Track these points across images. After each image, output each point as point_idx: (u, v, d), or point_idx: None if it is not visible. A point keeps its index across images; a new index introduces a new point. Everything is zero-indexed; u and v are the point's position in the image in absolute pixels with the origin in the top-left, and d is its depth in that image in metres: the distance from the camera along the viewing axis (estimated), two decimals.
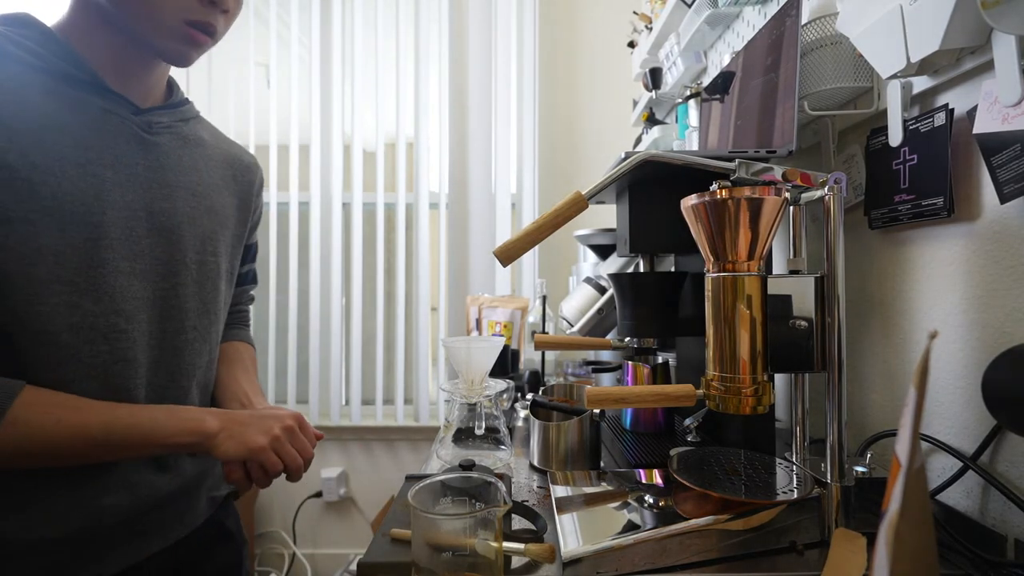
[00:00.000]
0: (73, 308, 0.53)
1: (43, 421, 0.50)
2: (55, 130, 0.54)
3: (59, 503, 0.54)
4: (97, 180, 0.56)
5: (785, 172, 0.58)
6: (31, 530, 0.52)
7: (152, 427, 0.54)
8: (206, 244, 0.67)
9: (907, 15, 0.59)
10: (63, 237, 0.52)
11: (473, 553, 0.47)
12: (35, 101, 0.53)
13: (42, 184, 0.51)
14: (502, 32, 2.06)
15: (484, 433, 0.86)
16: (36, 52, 0.54)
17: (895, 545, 0.29)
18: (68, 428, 0.51)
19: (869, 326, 0.79)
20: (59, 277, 0.52)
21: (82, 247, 0.54)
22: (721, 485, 0.59)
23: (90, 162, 0.55)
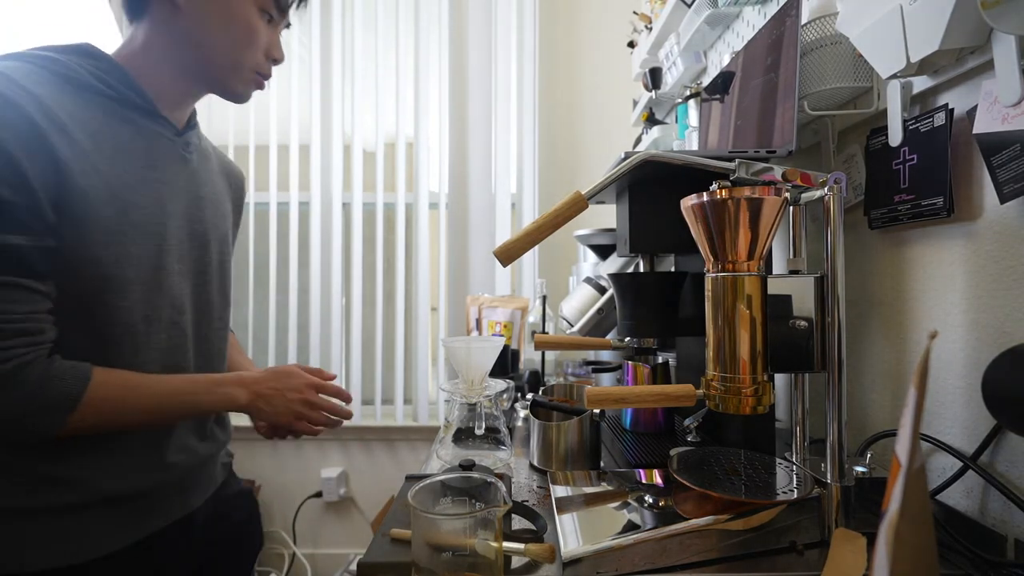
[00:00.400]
0: (147, 304, 0.64)
1: (111, 400, 0.59)
2: (125, 152, 0.62)
3: (135, 463, 0.64)
4: (158, 196, 0.65)
5: (785, 172, 0.58)
6: (112, 485, 0.62)
7: (195, 402, 0.65)
8: (223, 246, 0.78)
9: (907, 15, 0.59)
10: (141, 245, 0.63)
11: (473, 553, 0.47)
12: (108, 126, 0.62)
13: (124, 201, 0.61)
14: (502, 32, 2.06)
15: (484, 433, 0.86)
16: (105, 81, 0.62)
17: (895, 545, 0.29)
18: (130, 404, 0.61)
19: (869, 326, 0.79)
20: (138, 278, 0.63)
21: (152, 252, 0.64)
22: (721, 485, 0.59)
23: (153, 180, 0.65)
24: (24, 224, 0.54)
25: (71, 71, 0.60)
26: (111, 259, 0.60)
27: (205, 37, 0.67)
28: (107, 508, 0.62)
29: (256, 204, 2.09)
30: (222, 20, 0.66)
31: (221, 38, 0.67)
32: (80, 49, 0.63)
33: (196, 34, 0.66)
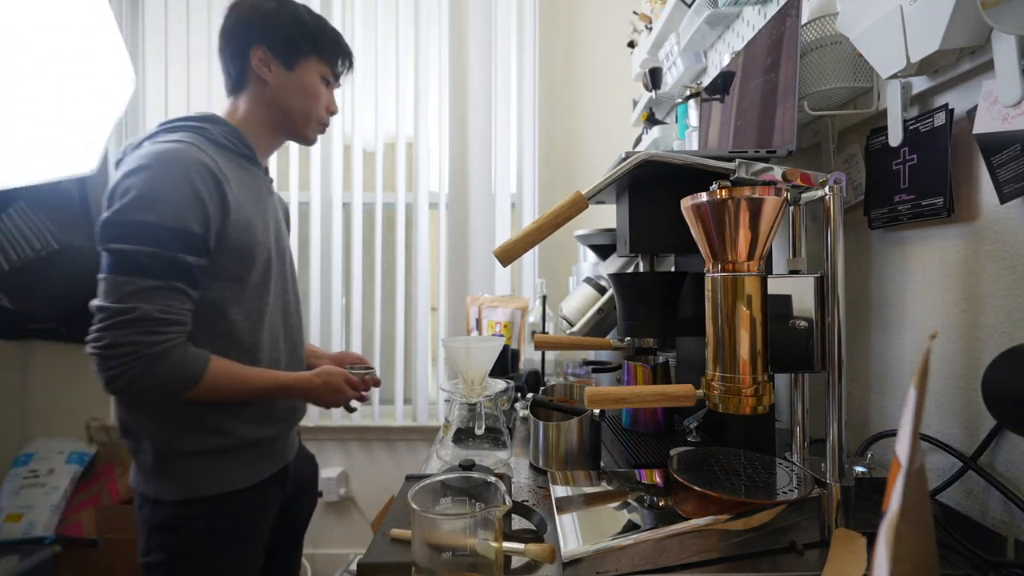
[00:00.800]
0: (272, 305, 0.89)
1: (219, 381, 0.78)
2: (248, 190, 0.87)
3: (264, 417, 0.87)
4: (266, 224, 0.89)
5: (785, 172, 0.58)
6: (251, 432, 0.85)
7: (274, 395, 0.86)
8: (291, 258, 1.00)
9: (907, 15, 0.59)
10: (266, 261, 0.87)
11: (473, 553, 0.47)
12: (238, 174, 0.86)
13: (252, 227, 0.84)
14: (502, 32, 2.06)
15: (484, 433, 0.86)
16: (231, 141, 0.88)
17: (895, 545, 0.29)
18: (229, 390, 0.80)
19: (869, 326, 0.79)
20: (266, 283, 0.88)
21: (271, 266, 0.89)
22: (721, 485, 0.59)
23: (261, 210, 0.89)
24: (197, 249, 0.77)
25: (215, 137, 0.85)
26: (237, 266, 0.83)
27: (288, 103, 0.92)
28: (248, 450, 0.86)
29: None
30: (298, 90, 0.92)
31: (298, 103, 0.93)
32: (212, 118, 0.88)
33: (281, 101, 0.92)
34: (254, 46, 0.90)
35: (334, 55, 0.96)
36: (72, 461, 1.98)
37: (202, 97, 2.08)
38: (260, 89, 0.91)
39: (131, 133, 2.12)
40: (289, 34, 0.91)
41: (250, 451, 0.86)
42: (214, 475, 0.82)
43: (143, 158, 0.77)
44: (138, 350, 0.72)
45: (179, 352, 0.75)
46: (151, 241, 0.73)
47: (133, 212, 0.73)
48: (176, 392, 0.76)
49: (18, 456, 2.00)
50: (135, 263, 0.73)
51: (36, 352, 2.15)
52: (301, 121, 0.94)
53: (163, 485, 0.80)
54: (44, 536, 1.82)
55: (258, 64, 0.90)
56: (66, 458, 1.98)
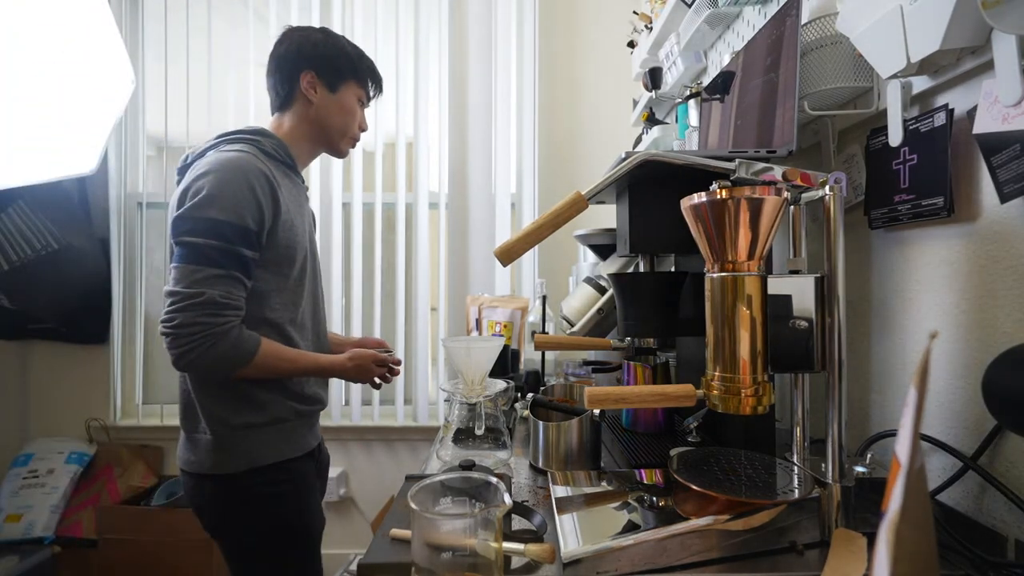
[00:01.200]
0: (306, 298, 1.02)
1: (266, 361, 0.89)
2: (291, 196, 0.99)
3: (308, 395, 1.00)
4: (304, 227, 1.02)
5: (785, 172, 0.58)
6: (285, 410, 0.96)
7: (313, 375, 1.00)
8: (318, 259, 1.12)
9: (907, 15, 0.59)
10: (303, 259, 1.00)
11: (473, 553, 0.47)
12: (284, 181, 0.98)
13: (294, 227, 0.97)
14: (502, 32, 2.06)
15: (484, 433, 0.86)
16: (278, 152, 1.00)
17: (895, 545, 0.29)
18: (275, 369, 0.91)
19: (869, 326, 0.79)
20: (302, 279, 1.00)
21: (307, 263, 1.01)
22: (721, 485, 0.59)
23: (302, 215, 1.03)
24: (252, 244, 0.88)
25: (266, 148, 0.97)
26: (281, 259, 0.95)
27: (329, 120, 1.05)
28: (297, 421, 0.98)
29: None
30: (339, 109, 1.06)
31: (338, 121, 1.06)
32: (262, 131, 1.01)
33: (323, 119, 1.05)
34: (304, 71, 1.02)
35: (368, 80, 1.11)
36: (72, 461, 1.98)
37: (202, 97, 2.08)
38: (305, 108, 1.04)
39: (131, 133, 2.12)
40: (333, 61, 1.04)
41: (296, 422, 0.99)
42: (271, 445, 0.94)
43: (210, 164, 0.88)
44: (204, 330, 0.83)
45: (236, 333, 0.86)
46: (216, 235, 0.84)
47: (201, 209, 0.85)
48: (232, 368, 0.86)
49: (18, 456, 2.00)
50: (203, 254, 0.84)
51: (36, 352, 2.15)
52: (338, 136, 1.08)
53: (225, 459, 0.90)
54: (44, 536, 1.82)
55: (306, 86, 1.03)
56: (66, 458, 1.98)
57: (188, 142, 2.10)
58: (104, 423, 2.10)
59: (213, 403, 0.91)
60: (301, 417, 0.99)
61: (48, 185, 1.75)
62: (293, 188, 1.01)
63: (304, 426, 1.01)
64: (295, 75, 1.02)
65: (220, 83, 2.08)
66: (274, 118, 1.07)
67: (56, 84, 1.54)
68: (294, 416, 0.97)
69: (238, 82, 2.08)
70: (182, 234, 0.85)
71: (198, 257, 0.84)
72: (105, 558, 1.76)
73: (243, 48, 2.08)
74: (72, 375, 2.14)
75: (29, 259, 1.83)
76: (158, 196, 2.14)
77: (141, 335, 2.16)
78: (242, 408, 0.91)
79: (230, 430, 0.90)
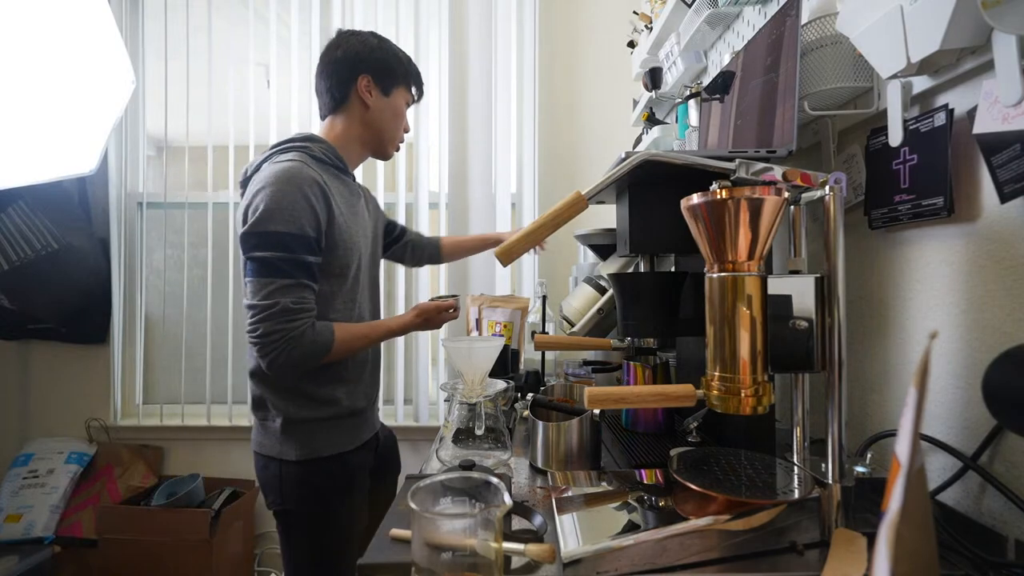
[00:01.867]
0: (362, 294, 1.11)
1: (346, 343, 0.99)
2: (343, 198, 1.05)
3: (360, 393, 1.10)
4: (358, 226, 1.09)
5: (785, 172, 0.58)
6: (353, 404, 1.07)
7: (389, 338, 1.10)
8: (375, 246, 1.22)
9: (907, 15, 0.59)
10: (359, 256, 1.07)
11: (473, 553, 0.47)
12: (336, 184, 1.04)
13: (348, 227, 1.04)
14: (502, 32, 2.06)
15: (484, 433, 0.86)
16: (328, 157, 1.05)
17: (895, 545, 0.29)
18: (356, 345, 1.02)
19: (869, 326, 0.79)
20: (357, 276, 1.08)
21: (363, 260, 1.09)
22: (721, 485, 0.59)
23: (355, 215, 1.08)
24: (313, 249, 0.95)
25: (315, 153, 1.02)
26: (340, 264, 1.02)
27: (381, 123, 1.11)
28: (351, 419, 1.08)
29: None
30: (391, 112, 1.11)
31: (390, 125, 1.12)
32: (312, 137, 1.06)
33: (376, 122, 1.10)
34: (361, 74, 1.07)
35: (414, 84, 1.16)
36: (72, 461, 1.98)
37: (202, 97, 2.08)
38: (361, 111, 1.09)
39: (131, 133, 2.12)
40: (388, 65, 1.10)
41: (350, 420, 1.08)
42: (328, 439, 1.03)
43: (265, 178, 0.94)
44: (283, 335, 0.91)
45: (310, 333, 0.94)
46: (281, 247, 0.91)
47: (263, 224, 0.91)
48: (318, 360, 0.96)
49: (18, 456, 2.00)
50: (272, 266, 0.91)
51: (36, 352, 2.15)
52: (388, 139, 1.14)
53: (289, 448, 1.00)
54: (44, 536, 1.82)
55: (363, 90, 1.07)
56: (66, 458, 1.98)
57: (188, 142, 2.10)
58: (104, 423, 2.10)
59: (278, 399, 1.01)
60: (355, 415, 1.09)
61: (48, 185, 1.75)
62: (344, 189, 1.07)
63: (360, 420, 1.11)
64: (352, 77, 1.07)
65: (220, 83, 2.08)
66: (326, 122, 1.11)
67: (56, 84, 1.54)
68: (347, 414, 1.06)
69: (238, 82, 2.08)
70: (250, 250, 0.93)
71: (268, 270, 0.92)
72: (105, 558, 1.76)
73: (243, 48, 2.08)
74: (72, 375, 2.14)
75: (29, 259, 1.83)
76: (158, 196, 2.14)
77: (141, 335, 2.16)
78: (303, 405, 1.01)
79: (293, 423, 1.01)
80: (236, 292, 2.11)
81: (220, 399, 2.13)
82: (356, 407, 1.08)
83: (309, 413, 1.01)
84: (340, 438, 1.05)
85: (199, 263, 2.16)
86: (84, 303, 2.03)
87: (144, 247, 2.16)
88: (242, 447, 2.13)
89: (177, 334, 2.14)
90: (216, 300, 2.13)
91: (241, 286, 0.99)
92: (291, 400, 1.00)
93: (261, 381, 1.02)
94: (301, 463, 1.00)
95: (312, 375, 1.00)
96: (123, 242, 2.10)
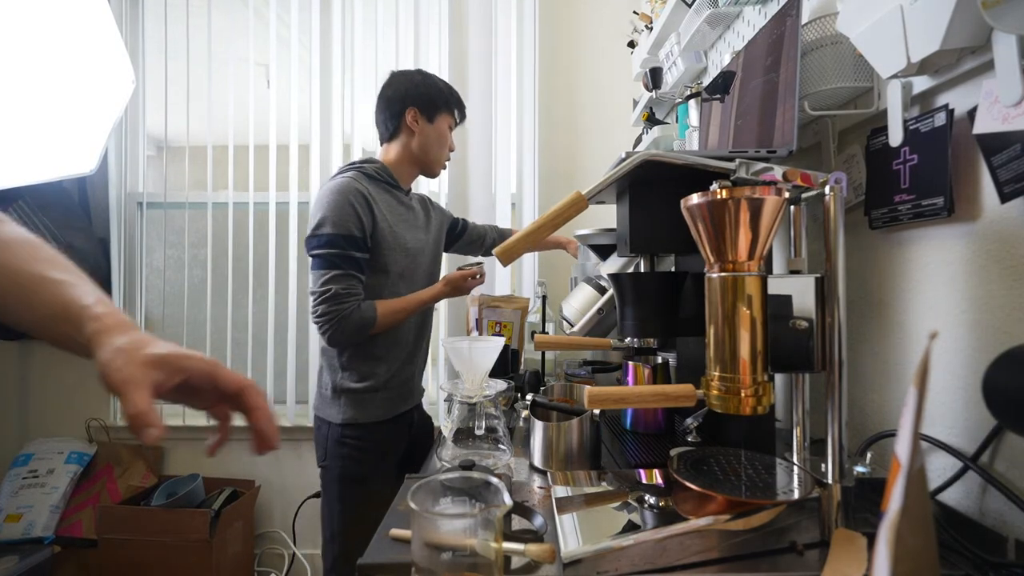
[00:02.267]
0: (424, 276, 1.35)
1: (387, 317, 1.19)
2: (391, 208, 1.26)
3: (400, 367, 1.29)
4: (403, 229, 1.28)
5: (785, 172, 0.58)
6: (395, 376, 1.27)
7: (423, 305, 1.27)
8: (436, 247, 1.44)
9: (907, 15, 0.59)
10: (403, 255, 1.27)
11: (473, 553, 0.47)
12: (384, 196, 1.26)
13: (394, 231, 1.24)
14: (502, 31, 2.05)
15: (484, 433, 0.86)
16: (381, 175, 1.28)
17: (895, 545, 0.29)
18: (397, 317, 1.22)
19: (869, 326, 0.79)
20: (401, 272, 1.27)
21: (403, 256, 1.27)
22: (721, 485, 0.59)
23: (402, 222, 1.29)
24: (359, 247, 1.17)
25: (369, 172, 1.25)
26: (384, 261, 1.22)
27: (428, 147, 1.31)
28: (387, 392, 1.26)
29: (256, 204, 2.09)
30: (436, 137, 1.31)
31: (434, 148, 1.32)
32: (369, 160, 1.29)
33: (423, 147, 1.30)
34: (408, 108, 1.28)
35: (456, 108, 1.36)
36: (71, 461, 1.97)
37: (202, 97, 2.08)
38: (409, 137, 1.30)
39: (131, 133, 2.12)
40: (431, 97, 1.30)
41: (387, 392, 1.26)
42: (366, 408, 1.23)
43: (323, 193, 1.19)
44: (335, 315, 1.13)
45: (357, 312, 1.15)
46: (332, 245, 1.14)
47: (320, 229, 1.15)
48: (367, 331, 1.17)
49: (18, 456, 2.00)
50: (326, 261, 1.14)
51: (36, 352, 2.15)
52: (433, 160, 1.33)
53: (335, 411, 1.23)
54: (43, 536, 1.82)
55: (411, 120, 1.28)
56: (66, 458, 1.98)
57: (188, 142, 2.10)
58: (104, 423, 2.10)
59: (332, 371, 1.25)
60: (389, 390, 1.27)
61: (48, 185, 1.75)
62: (393, 201, 1.28)
63: (395, 394, 1.29)
64: (401, 112, 1.28)
65: (220, 83, 2.08)
66: (383, 147, 1.34)
67: (56, 84, 1.54)
68: (383, 388, 1.25)
69: (238, 82, 2.08)
70: (311, 249, 1.17)
71: (323, 264, 1.14)
72: (105, 558, 1.76)
73: (243, 48, 2.07)
74: (72, 375, 2.14)
75: None
76: (158, 196, 2.14)
77: None
78: (348, 377, 1.23)
79: (340, 391, 1.23)
80: (236, 292, 2.11)
81: None
82: (391, 384, 1.26)
83: (352, 384, 1.23)
84: (376, 409, 1.24)
85: (199, 263, 2.17)
86: None
87: (144, 247, 2.16)
88: (242, 447, 2.12)
89: (177, 334, 2.14)
90: (216, 300, 2.13)
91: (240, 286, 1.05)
92: (341, 372, 1.23)
93: (322, 356, 1.28)
94: (343, 425, 1.21)
95: (359, 354, 1.22)
96: (123, 242, 2.10)
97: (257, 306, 2.11)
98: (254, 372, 2.10)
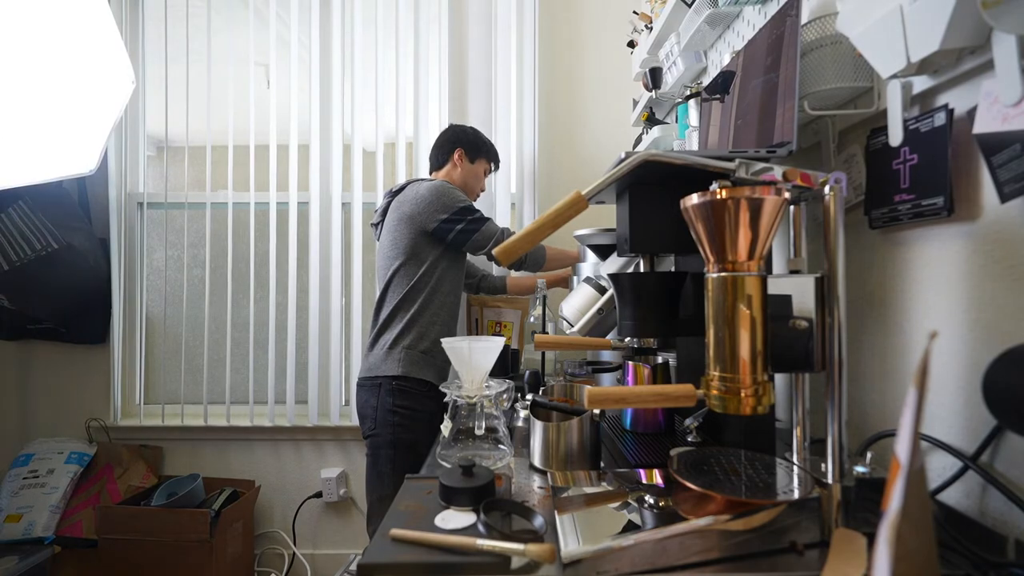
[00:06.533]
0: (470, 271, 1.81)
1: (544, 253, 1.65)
2: None
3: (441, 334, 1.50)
4: None
5: (785, 172, 0.58)
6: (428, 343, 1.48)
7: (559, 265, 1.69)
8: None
9: (907, 15, 0.59)
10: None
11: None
12: None
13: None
14: (502, 31, 2.06)
15: (484, 433, 0.86)
16: None
17: (895, 545, 0.29)
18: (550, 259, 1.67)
19: (869, 326, 0.79)
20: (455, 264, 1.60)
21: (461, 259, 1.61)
22: (721, 485, 0.59)
23: None
24: None
25: None
26: (453, 263, 1.55)
27: (465, 180, 1.66)
28: (437, 356, 1.47)
29: (256, 204, 2.09)
30: (474, 174, 1.68)
31: (470, 181, 1.67)
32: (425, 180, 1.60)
33: (461, 179, 1.65)
34: (457, 147, 1.65)
35: (492, 158, 1.72)
36: (72, 461, 1.98)
37: (202, 97, 2.08)
38: (452, 169, 1.66)
39: (131, 133, 2.12)
40: (475, 144, 1.67)
41: (438, 358, 1.48)
42: (420, 366, 1.45)
43: (427, 189, 1.52)
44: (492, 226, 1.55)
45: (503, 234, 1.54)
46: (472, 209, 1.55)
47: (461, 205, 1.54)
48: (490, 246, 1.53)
49: (18, 456, 2.00)
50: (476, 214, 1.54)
51: (36, 352, 2.15)
52: (469, 191, 1.67)
53: (393, 365, 1.44)
54: (44, 536, 1.82)
55: (457, 159, 1.65)
56: (66, 458, 1.98)
57: (188, 142, 2.10)
58: (104, 423, 2.10)
59: (395, 331, 1.47)
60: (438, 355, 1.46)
61: (48, 185, 1.75)
62: None
63: (443, 365, 1.48)
64: (451, 150, 1.64)
65: (220, 83, 2.08)
66: (432, 174, 1.69)
67: (56, 84, 1.54)
68: (438, 351, 1.44)
69: (238, 82, 2.08)
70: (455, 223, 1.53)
71: (476, 218, 1.54)
72: (105, 558, 1.76)
73: (243, 48, 2.07)
74: (72, 375, 2.14)
75: (29, 259, 1.83)
76: (158, 196, 2.14)
77: (141, 335, 2.16)
78: (407, 334, 1.45)
79: (399, 348, 1.45)
80: (236, 292, 2.11)
81: (219, 399, 2.13)
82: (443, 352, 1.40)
83: (411, 342, 1.45)
84: (428, 370, 1.45)
85: (199, 263, 2.17)
86: (84, 303, 2.03)
87: (144, 247, 2.16)
88: (242, 447, 2.13)
89: (177, 334, 2.14)
90: (216, 300, 2.13)
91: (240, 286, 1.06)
92: (406, 330, 1.45)
93: (387, 316, 1.49)
94: (396, 377, 1.42)
95: (422, 317, 1.46)
96: (123, 242, 2.10)
97: (257, 306, 2.11)
98: (254, 372, 2.10)
